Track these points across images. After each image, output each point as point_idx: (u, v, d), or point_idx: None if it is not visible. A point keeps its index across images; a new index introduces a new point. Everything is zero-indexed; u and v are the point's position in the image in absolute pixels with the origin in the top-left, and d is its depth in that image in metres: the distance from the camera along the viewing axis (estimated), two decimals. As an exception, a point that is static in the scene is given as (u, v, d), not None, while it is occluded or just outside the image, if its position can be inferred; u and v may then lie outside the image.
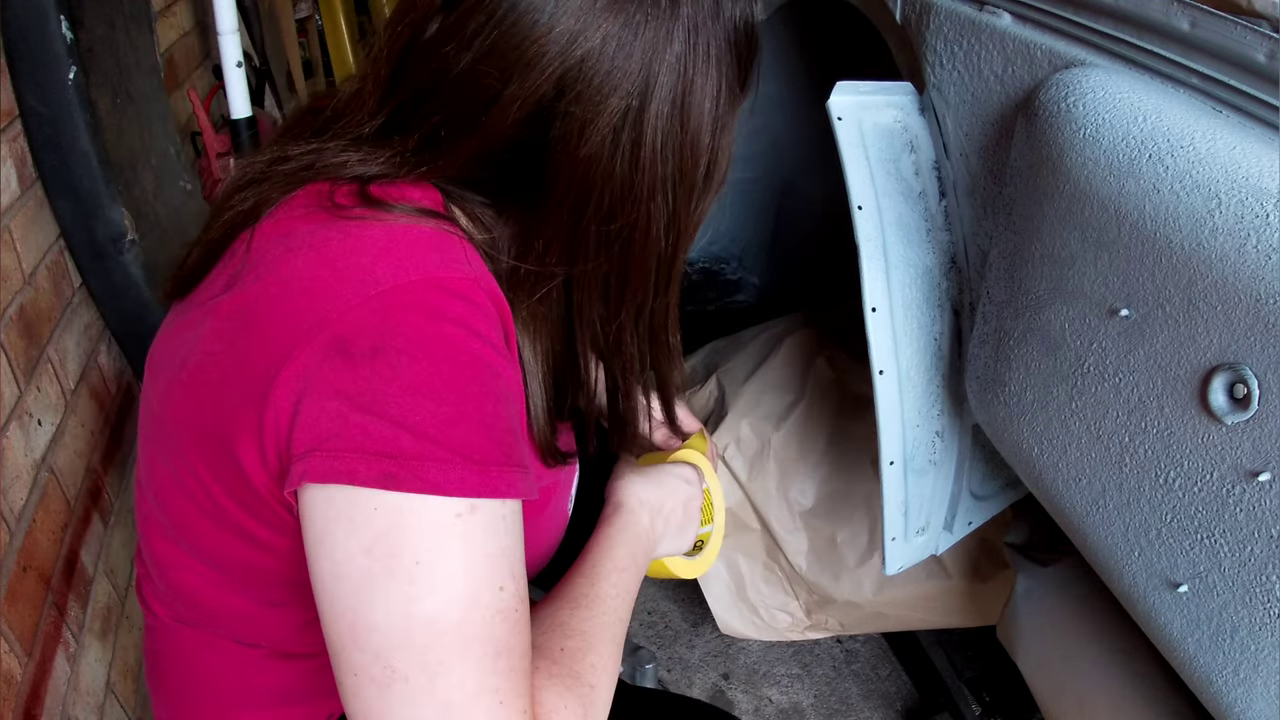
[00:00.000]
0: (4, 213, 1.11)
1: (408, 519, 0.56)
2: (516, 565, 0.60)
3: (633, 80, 0.62)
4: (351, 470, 0.55)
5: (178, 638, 0.78)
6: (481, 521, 0.57)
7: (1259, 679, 0.72)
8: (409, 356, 0.57)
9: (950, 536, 1.22)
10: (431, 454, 0.56)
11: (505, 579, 0.59)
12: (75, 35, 1.22)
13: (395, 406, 0.56)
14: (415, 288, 0.59)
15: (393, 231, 0.62)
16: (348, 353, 0.57)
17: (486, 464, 0.58)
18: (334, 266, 0.60)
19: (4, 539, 0.98)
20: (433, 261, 0.61)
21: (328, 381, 0.57)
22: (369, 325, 0.57)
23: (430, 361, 0.57)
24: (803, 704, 1.67)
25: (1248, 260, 0.65)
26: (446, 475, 0.56)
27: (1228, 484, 0.71)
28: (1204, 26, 0.72)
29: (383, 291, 0.58)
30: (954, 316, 1.09)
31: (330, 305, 0.58)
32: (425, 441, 0.56)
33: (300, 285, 0.60)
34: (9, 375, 1.04)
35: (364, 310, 0.58)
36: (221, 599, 0.72)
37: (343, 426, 0.56)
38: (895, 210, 1.03)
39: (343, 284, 0.59)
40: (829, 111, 1.00)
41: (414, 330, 0.57)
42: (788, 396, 1.63)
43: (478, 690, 0.56)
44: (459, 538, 0.57)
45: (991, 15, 0.91)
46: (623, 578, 0.78)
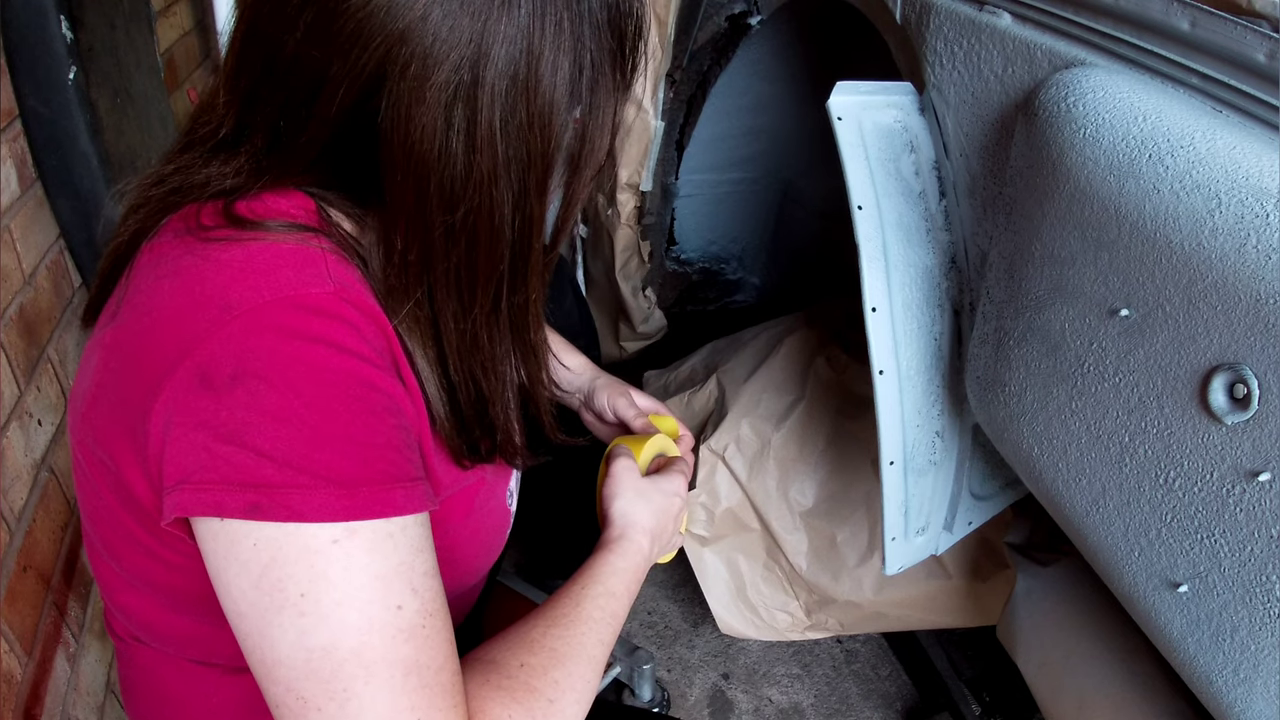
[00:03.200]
0: (4, 213, 1.10)
1: (284, 550, 0.55)
2: (418, 580, 0.59)
3: (461, 53, 0.58)
4: (219, 502, 0.55)
5: (140, 659, 0.78)
6: (363, 544, 0.57)
7: (1259, 679, 0.72)
8: (267, 383, 0.56)
9: (950, 536, 1.22)
10: (295, 481, 0.55)
11: (403, 597, 0.58)
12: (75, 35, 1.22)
13: (257, 435, 0.55)
14: (271, 309, 0.58)
15: (250, 253, 0.60)
16: (209, 383, 0.56)
17: (356, 485, 0.57)
18: (193, 294, 0.59)
19: (4, 539, 0.98)
20: (289, 280, 0.59)
21: (191, 413, 0.56)
22: (227, 353, 0.56)
23: (289, 385, 0.56)
24: (803, 704, 1.67)
25: (1248, 260, 0.65)
26: (311, 502, 0.55)
27: (1228, 484, 0.71)
28: (1204, 26, 0.72)
29: (238, 316, 0.57)
30: (954, 316, 1.09)
31: (190, 334, 0.57)
32: (288, 469, 0.55)
33: (164, 315, 0.60)
34: (9, 375, 1.04)
35: (221, 337, 0.57)
36: (163, 619, 0.72)
37: (207, 459, 0.56)
38: (895, 210, 1.03)
39: (201, 311, 0.58)
40: (829, 111, 1.00)
41: (271, 354, 0.56)
42: (788, 396, 1.63)
43: (391, 711, 0.56)
44: (338, 564, 0.56)
45: (991, 15, 0.91)
46: (610, 603, 0.77)
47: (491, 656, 0.67)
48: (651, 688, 1.56)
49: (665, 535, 0.89)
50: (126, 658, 0.81)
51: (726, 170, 1.92)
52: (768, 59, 1.70)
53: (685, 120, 1.75)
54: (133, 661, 0.80)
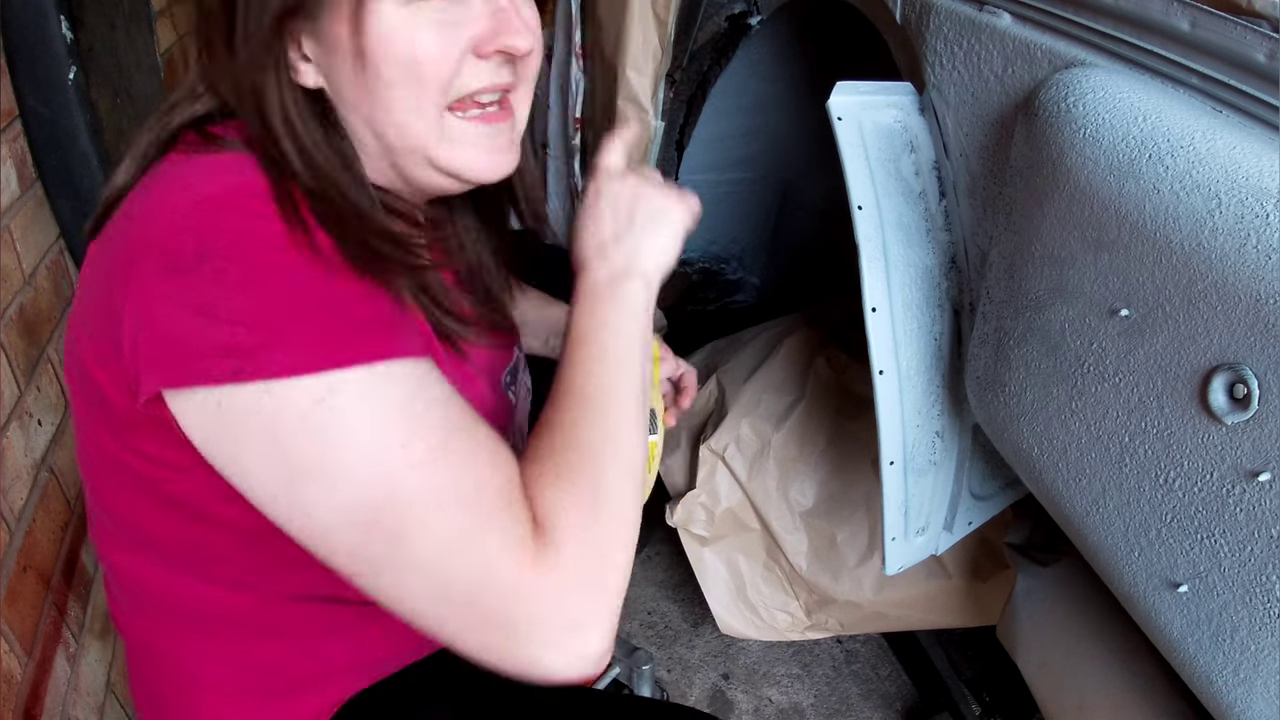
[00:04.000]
0: (4, 213, 1.10)
1: (279, 421, 0.58)
2: (422, 410, 0.60)
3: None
4: (202, 372, 0.58)
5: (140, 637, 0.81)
6: (350, 395, 0.58)
7: (1259, 679, 0.72)
8: (230, 259, 0.59)
9: (950, 536, 1.22)
10: (270, 341, 0.58)
11: (408, 433, 0.59)
12: (75, 35, 1.22)
13: (228, 306, 0.58)
14: (229, 195, 0.62)
15: (217, 158, 0.66)
16: (176, 265, 0.59)
17: (330, 335, 0.59)
18: (163, 194, 0.64)
19: (4, 539, 0.98)
20: (248, 176, 0.64)
21: (162, 295, 0.59)
22: (191, 236, 0.59)
23: (252, 258, 0.59)
24: (803, 704, 1.67)
25: (1248, 260, 0.65)
26: (290, 356, 0.57)
27: (1228, 484, 0.71)
28: (1204, 26, 0.72)
29: (199, 203, 0.61)
30: (954, 316, 1.09)
31: (157, 225, 0.61)
32: (262, 332, 0.58)
33: (136, 215, 0.64)
34: (9, 375, 1.04)
35: (185, 224, 0.60)
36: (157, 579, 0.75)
37: (185, 333, 0.58)
38: (895, 210, 1.03)
39: (166, 205, 0.62)
40: (829, 111, 1.00)
41: (233, 233, 0.60)
42: (788, 396, 1.63)
43: (444, 541, 0.58)
44: (331, 421, 0.58)
45: (991, 15, 0.91)
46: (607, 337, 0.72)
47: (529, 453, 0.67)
48: (651, 688, 1.56)
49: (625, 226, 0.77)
50: (130, 642, 0.84)
51: (726, 170, 1.92)
52: (768, 59, 1.70)
53: (685, 120, 1.75)
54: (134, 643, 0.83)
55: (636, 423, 0.70)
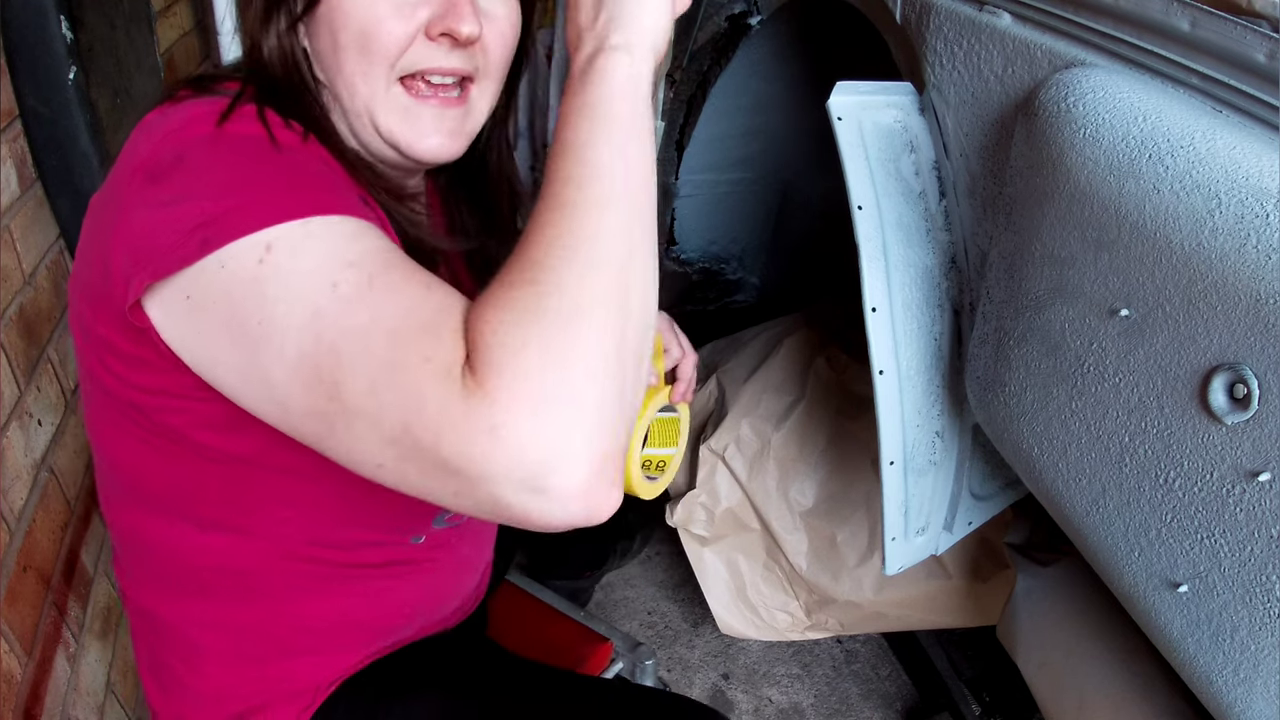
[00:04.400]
0: (4, 213, 1.10)
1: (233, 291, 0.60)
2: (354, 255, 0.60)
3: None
4: (178, 256, 0.60)
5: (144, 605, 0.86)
6: (284, 250, 0.60)
7: (1259, 679, 0.72)
8: (205, 152, 0.65)
9: (950, 536, 1.22)
10: (232, 205, 0.61)
11: (337, 274, 0.59)
12: (75, 35, 1.22)
13: (197, 189, 0.62)
14: (207, 116, 0.68)
15: (205, 102, 0.71)
16: (154, 175, 0.64)
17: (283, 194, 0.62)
18: (151, 129, 0.69)
19: (4, 539, 0.98)
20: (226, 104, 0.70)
21: (145, 201, 0.64)
22: (168, 148, 0.66)
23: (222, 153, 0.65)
24: (803, 704, 1.67)
25: (1248, 260, 0.65)
26: (248, 215, 0.60)
27: (1228, 484, 0.71)
28: (1204, 26, 0.72)
29: (179, 126, 0.68)
30: (954, 316, 1.09)
31: (139, 152, 0.67)
32: (224, 199, 0.61)
33: (123, 156, 0.70)
34: (9, 375, 1.04)
35: (165, 142, 0.66)
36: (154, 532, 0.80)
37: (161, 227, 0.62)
38: (895, 210, 1.03)
39: (153, 133, 0.68)
40: (829, 111, 1.00)
41: (204, 139, 0.66)
42: (788, 396, 1.63)
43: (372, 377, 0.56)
44: (270, 276, 0.59)
45: (991, 15, 0.91)
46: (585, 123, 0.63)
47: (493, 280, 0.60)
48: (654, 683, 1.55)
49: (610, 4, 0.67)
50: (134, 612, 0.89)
51: (726, 170, 1.92)
52: (768, 59, 1.70)
53: (685, 120, 1.75)
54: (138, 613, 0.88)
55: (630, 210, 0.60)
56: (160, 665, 0.89)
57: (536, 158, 2.38)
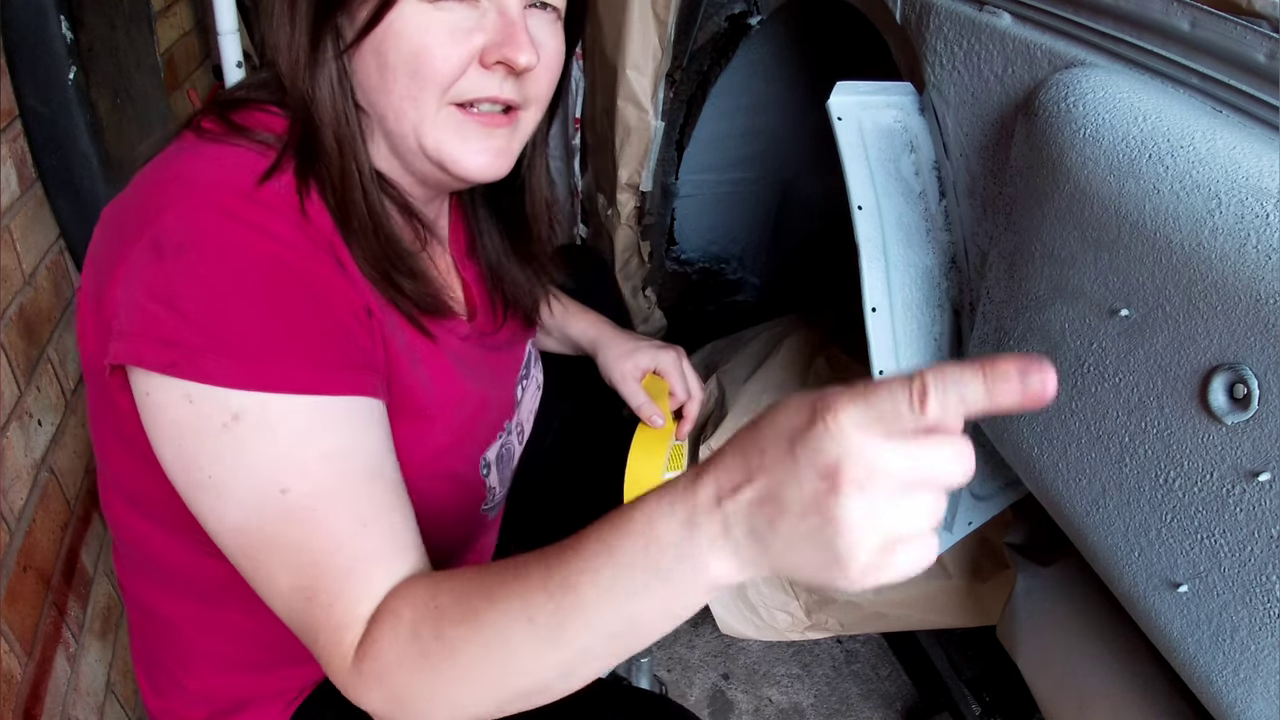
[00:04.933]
0: (4, 213, 1.11)
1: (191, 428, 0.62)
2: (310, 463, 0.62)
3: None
4: (140, 353, 0.62)
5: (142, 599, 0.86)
6: (248, 427, 0.61)
7: (1259, 679, 0.72)
8: (204, 257, 0.63)
9: (950, 536, 1.22)
10: (208, 345, 0.61)
11: (290, 480, 0.62)
12: (75, 35, 1.22)
13: (186, 301, 0.62)
14: (221, 191, 0.65)
15: (225, 149, 0.69)
16: (159, 251, 0.63)
17: (255, 357, 0.62)
18: (168, 173, 0.68)
19: (4, 539, 0.98)
20: (246, 173, 0.67)
21: (140, 276, 0.63)
22: (177, 225, 0.63)
23: (222, 261, 0.63)
24: (803, 704, 1.67)
25: (1248, 260, 0.65)
26: (221, 366, 0.61)
27: (1228, 484, 0.71)
28: (1204, 26, 0.72)
29: (193, 193, 0.65)
30: (954, 316, 1.09)
31: (153, 206, 0.65)
32: (204, 334, 0.61)
33: (141, 191, 0.68)
34: (9, 375, 1.04)
35: (177, 211, 0.64)
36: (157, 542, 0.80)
37: (142, 315, 0.62)
38: (895, 210, 1.03)
39: (165, 188, 0.66)
40: (829, 111, 1.00)
41: (212, 231, 0.63)
42: (788, 397, 1.63)
43: (290, 588, 0.62)
44: (230, 445, 0.61)
45: (991, 15, 0.91)
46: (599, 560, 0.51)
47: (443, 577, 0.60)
48: (649, 682, 1.55)
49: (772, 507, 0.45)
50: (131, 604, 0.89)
51: (726, 170, 1.92)
52: (768, 59, 1.70)
53: (685, 120, 1.75)
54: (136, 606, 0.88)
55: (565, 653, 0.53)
56: (154, 662, 0.90)
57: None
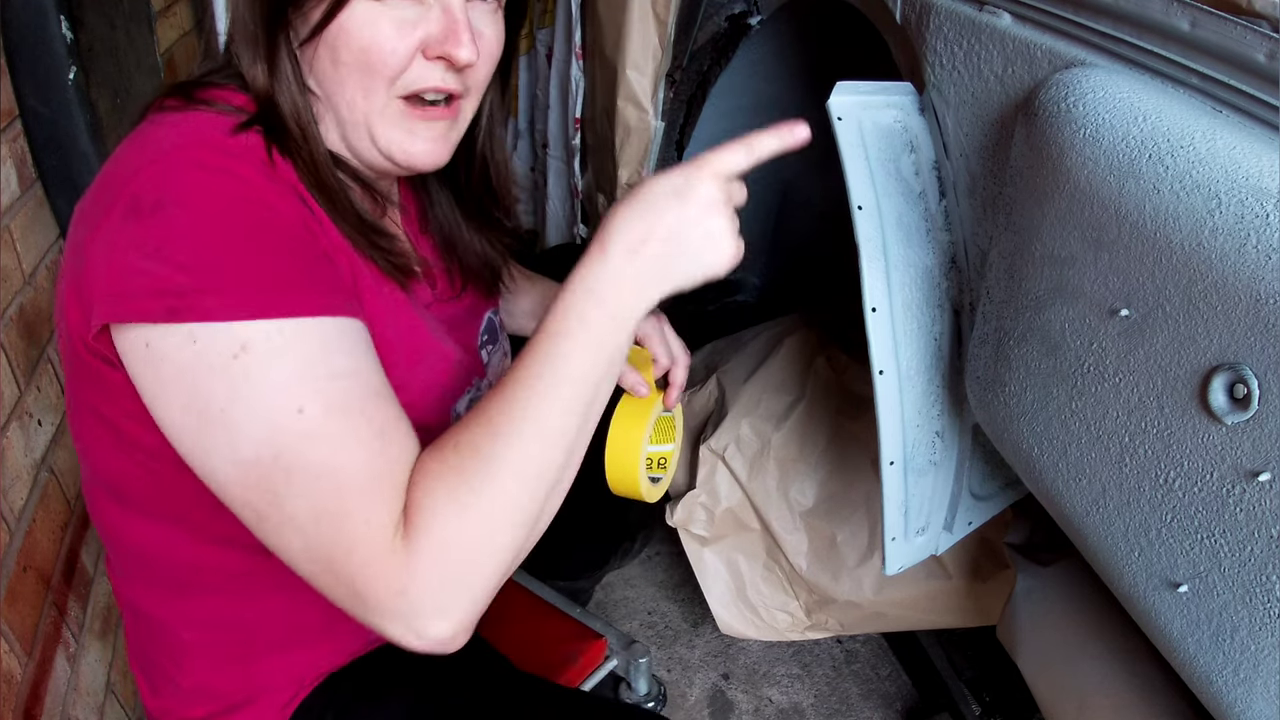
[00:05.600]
0: (4, 213, 1.11)
1: (199, 370, 0.63)
2: (322, 383, 0.64)
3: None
4: (142, 309, 0.63)
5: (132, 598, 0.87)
6: (259, 354, 0.63)
7: (1259, 679, 0.72)
8: (183, 208, 0.64)
9: (950, 536, 1.22)
10: (206, 285, 0.62)
11: (305, 400, 0.63)
12: (75, 35, 1.22)
13: (174, 251, 0.63)
14: (192, 149, 0.68)
15: (190, 117, 0.73)
16: (137, 211, 0.64)
17: (258, 288, 0.63)
18: (137, 146, 0.70)
19: (4, 539, 0.98)
20: (212, 133, 0.71)
21: (122, 237, 0.64)
22: (153, 184, 0.65)
23: (201, 209, 0.65)
24: (803, 704, 1.67)
25: (1248, 260, 0.65)
26: (221, 303, 0.62)
27: (1228, 484, 0.71)
28: (1204, 26, 0.72)
29: (164, 153, 0.67)
30: (954, 316, 1.09)
31: (126, 173, 0.67)
32: (199, 275, 0.63)
33: (112, 167, 0.70)
34: (9, 375, 1.04)
35: (149, 172, 0.66)
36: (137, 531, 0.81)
37: (132, 273, 0.63)
38: (895, 210, 1.03)
39: (137, 155, 0.68)
40: (829, 111, 1.00)
41: (188, 184, 0.65)
42: (788, 396, 1.63)
43: (314, 511, 0.63)
44: (242, 375, 0.62)
45: (991, 15, 0.91)
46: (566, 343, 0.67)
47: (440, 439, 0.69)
48: (648, 682, 1.55)
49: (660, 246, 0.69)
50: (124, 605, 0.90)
51: (726, 170, 1.91)
52: (768, 59, 1.70)
53: (685, 120, 1.75)
54: (127, 606, 0.89)
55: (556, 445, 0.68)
56: (149, 662, 0.90)
57: (536, 158, 2.38)
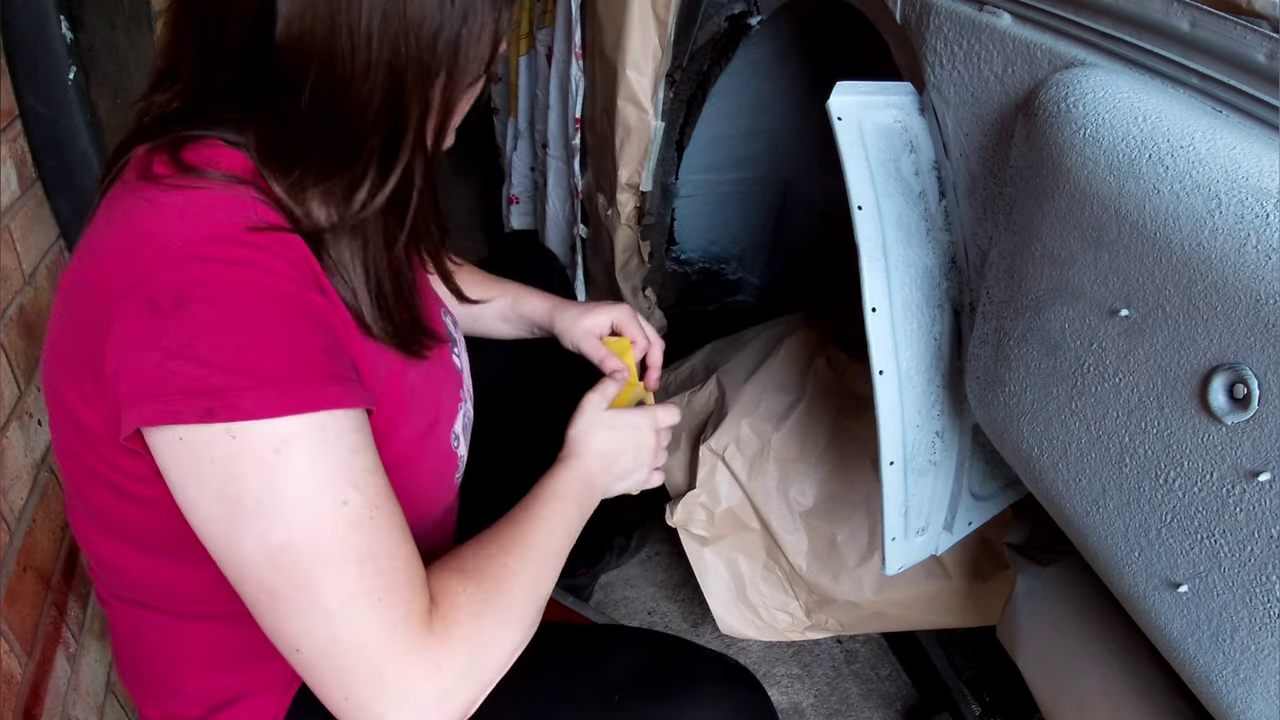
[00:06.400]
0: (4, 213, 1.11)
1: (236, 463, 0.63)
2: (360, 477, 0.66)
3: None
4: (175, 411, 0.62)
5: (125, 618, 0.85)
6: (303, 448, 0.63)
7: (1259, 679, 0.72)
8: (206, 303, 0.63)
9: (950, 536, 1.22)
10: (239, 384, 0.62)
11: (347, 492, 0.64)
12: (75, 35, 1.22)
13: (202, 349, 0.62)
14: (205, 243, 0.66)
15: (190, 198, 0.68)
16: (156, 308, 0.63)
17: (293, 383, 0.63)
18: (140, 233, 0.67)
19: (4, 539, 0.98)
20: (223, 219, 0.68)
21: (142, 336, 0.63)
22: (170, 281, 0.64)
23: (226, 303, 0.64)
24: (803, 704, 1.67)
25: (1248, 260, 0.65)
26: (256, 400, 0.62)
27: (1228, 484, 0.71)
28: (1204, 26, 0.72)
29: (179, 248, 0.65)
30: (954, 316, 1.09)
31: (137, 268, 0.65)
32: (231, 374, 0.62)
33: (114, 254, 0.67)
34: (9, 375, 1.04)
35: (165, 268, 0.64)
36: (131, 562, 0.78)
37: (161, 374, 0.62)
38: (895, 210, 1.03)
39: (146, 248, 0.66)
40: (829, 111, 1.00)
41: (207, 280, 0.64)
42: (788, 396, 1.63)
43: (352, 593, 0.63)
44: (285, 468, 0.63)
45: (991, 15, 0.91)
46: (559, 506, 0.84)
47: (450, 554, 0.75)
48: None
49: (621, 461, 0.94)
50: (114, 619, 0.88)
51: (726, 170, 1.92)
52: (768, 59, 1.70)
53: (685, 120, 1.75)
54: (118, 621, 0.87)
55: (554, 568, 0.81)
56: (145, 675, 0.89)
57: (536, 158, 2.38)
